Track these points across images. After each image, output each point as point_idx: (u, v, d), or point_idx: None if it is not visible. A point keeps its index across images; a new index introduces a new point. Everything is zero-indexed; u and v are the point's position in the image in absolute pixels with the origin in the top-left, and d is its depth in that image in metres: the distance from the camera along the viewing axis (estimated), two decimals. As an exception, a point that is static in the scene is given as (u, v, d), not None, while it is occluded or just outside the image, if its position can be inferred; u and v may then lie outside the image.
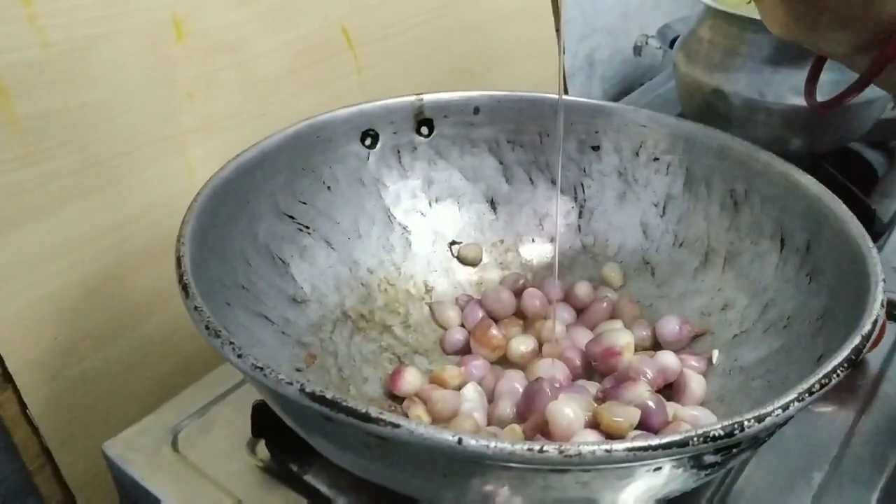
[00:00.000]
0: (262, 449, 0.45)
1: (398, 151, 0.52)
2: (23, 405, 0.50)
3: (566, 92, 0.87)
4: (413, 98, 0.51)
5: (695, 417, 0.39)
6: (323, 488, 0.42)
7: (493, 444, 0.27)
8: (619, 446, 0.27)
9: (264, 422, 0.44)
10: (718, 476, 0.42)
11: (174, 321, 0.56)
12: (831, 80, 0.60)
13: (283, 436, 0.39)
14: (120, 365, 0.54)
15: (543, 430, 0.38)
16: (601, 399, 0.41)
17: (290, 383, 0.29)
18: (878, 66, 0.38)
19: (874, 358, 0.50)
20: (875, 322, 0.33)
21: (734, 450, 0.30)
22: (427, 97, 0.51)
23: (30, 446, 0.51)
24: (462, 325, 0.50)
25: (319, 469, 0.43)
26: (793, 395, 0.29)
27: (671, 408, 0.40)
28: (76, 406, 0.52)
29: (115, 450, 0.45)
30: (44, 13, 0.47)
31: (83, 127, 0.50)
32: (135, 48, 0.52)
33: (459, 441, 0.27)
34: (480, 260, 0.53)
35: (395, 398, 0.45)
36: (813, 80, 0.49)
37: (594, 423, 0.38)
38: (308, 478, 0.43)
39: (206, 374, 0.50)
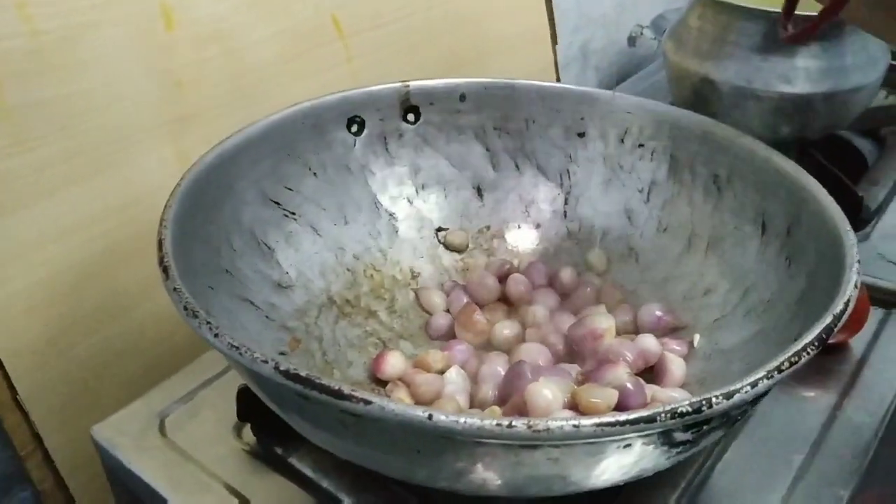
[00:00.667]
0: (248, 433, 0.45)
1: (385, 138, 0.52)
2: (13, 391, 0.50)
3: (559, 82, 0.87)
4: (399, 85, 0.52)
5: (672, 399, 0.39)
6: (307, 471, 0.43)
7: (462, 420, 0.27)
8: (586, 422, 0.27)
9: (249, 406, 0.44)
10: (701, 455, 0.43)
11: (164, 308, 0.55)
12: (818, 68, 0.61)
13: (268, 420, 0.40)
14: (110, 351, 0.54)
15: (522, 411, 0.38)
16: (582, 381, 0.42)
17: (265, 361, 0.30)
18: None
19: (857, 343, 0.50)
20: (847, 303, 0.33)
21: (705, 427, 0.31)
22: (413, 84, 0.52)
23: (20, 432, 0.51)
24: (447, 311, 0.50)
25: (304, 453, 0.43)
26: (762, 373, 0.30)
27: (650, 390, 0.40)
28: (66, 391, 0.53)
29: (102, 434, 0.46)
30: (32, 2, 0.48)
31: (74, 115, 0.50)
32: (124, 37, 0.52)
33: (430, 417, 0.27)
34: (467, 246, 0.54)
35: (380, 382, 0.45)
36: (787, 14, 0.50)
37: (573, 405, 0.38)
38: (293, 461, 0.43)
39: (195, 359, 0.51)
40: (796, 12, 0.55)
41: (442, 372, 0.44)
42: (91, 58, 0.51)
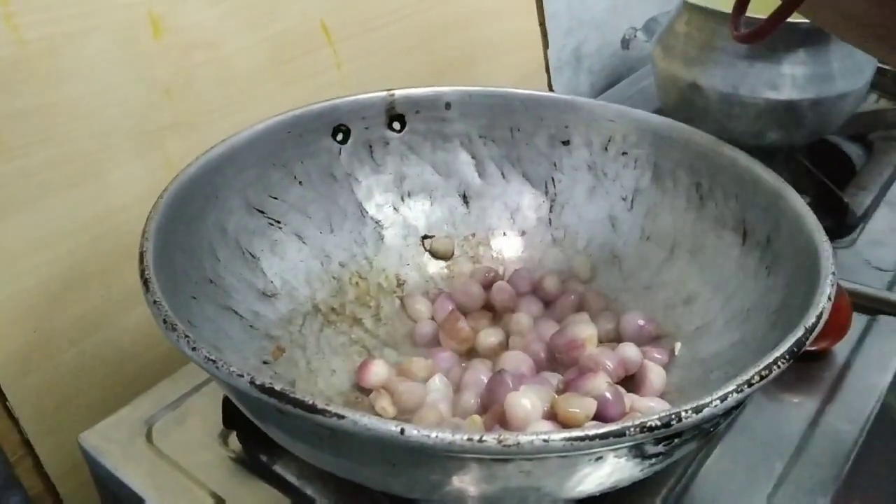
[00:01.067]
0: (234, 440, 0.46)
1: (370, 146, 0.52)
2: (2, 397, 0.50)
3: (551, 86, 0.88)
4: (384, 93, 0.52)
5: (650, 409, 0.40)
6: (292, 479, 0.43)
7: (433, 434, 0.27)
8: (556, 436, 0.27)
9: (235, 414, 0.44)
10: (683, 462, 0.43)
11: (151, 316, 0.56)
12: (805, 74, 0.61)
13: (253, 427, 0.40)
14: (99, 357, 0.55)
15: (503, 420, 0.39)
16: (563, 390, 0.42)
17: (241, 375, 0.30)
18: None
19: (841, 349, 0.50)
20: (820, 315, 0.34)
21: (676, 440, 0.31)
22: (398, 92, 0.52)
23: (10, 438, 0.52)
24: (432, 318, 0.50)
25: (289, 460, 0.44)
26: (731, 387, 0.30)
27: (630, 399, 0.41)
28: (56, 398, 0.53)
29: (90, 441, 0.46)
30: (18, 11, 0.48)
31: (61, 123, 0.51)
32: (111, 45, 0.52)
33: (402, 431, 0.28)
34: (452, 254, 0.54)
35: (363, 390, 0.45)
36: (739, 11, 0.50)
37: (552, 415, 0.39)
38: (277, 468, 0.44)
39: (183, 366, 0.51)
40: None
41: (426, 380, 0.45)
42: (78, 66, 0.51)
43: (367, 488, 0.40)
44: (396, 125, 0.53)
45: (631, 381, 0.44)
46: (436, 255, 0.54)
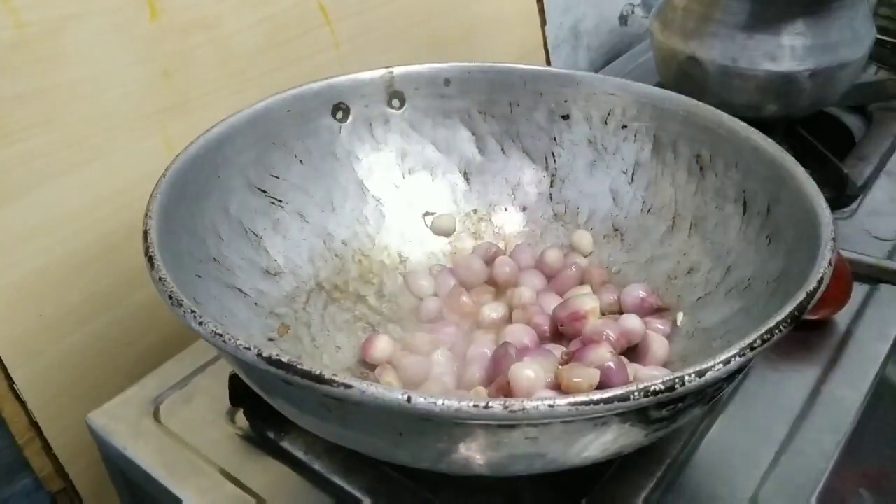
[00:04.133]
0: (241, 418, 0.46)
1: (370, 124, 0.52)
2: (10, 380, 0.51)
3: (549, 63, 0.87)
4: (383, 71, 0.52)
5: (654, 377, 0.40)
6: (299, 454, 0.44)
7: (440, 402, 0.28)
8: (561, 401, 0.28)
9: (242, 391, 0.45)
10: (687, 430, 0.43)
11: (156, 296, 0.56)
12: (804, 45, 0.61)
13: (259, 404, 0.40)
14: (105, 339, 0.55)
15: (507, 391, 0.39)
16: (567, 361, 0.42)
17: (248, 348, 0.30)
18: None
19: (842, 318, 0.51)
20: (821, 280, 0.34)
21: (680, 404, 0.31)
22: (397, 70, 0.52)
23: (18, 421, 0.52)
24: (435, 294, 0.51)
25: (296, 436, 0.44)
26: (734, 351, 0.30)
27: (633, 368, 0.41)
28: (63, 380, 0.53)
29: (98, 421, 0.47)
30: (17, -6, 0.48)
31: (60, 106, 0.51)
32: (109, 27, 0.52)
33: (408, 399, 0.28)
34: (454, 230, 0.54)
35: (369, 366, 0.46)
36: None
37: (557, 385, 0.39)
38: (285, 444, 0.44)
39: (188, 346, 0.52)
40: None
41: (430, 354, 0.45)
42: (76, 49, 0.51)
43: (373, 462, 0.41)
44: (396, 103, 0.53)
45: (634, 351, 0.44)
46: (437, 231, 0.54)
